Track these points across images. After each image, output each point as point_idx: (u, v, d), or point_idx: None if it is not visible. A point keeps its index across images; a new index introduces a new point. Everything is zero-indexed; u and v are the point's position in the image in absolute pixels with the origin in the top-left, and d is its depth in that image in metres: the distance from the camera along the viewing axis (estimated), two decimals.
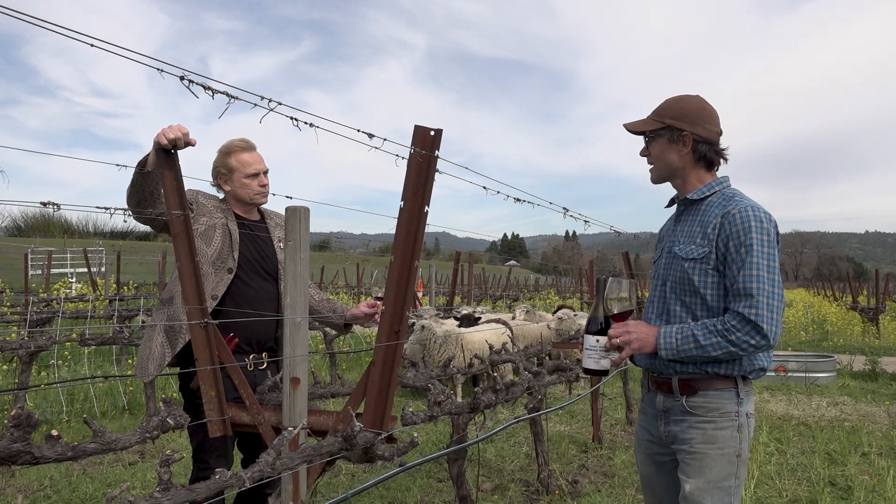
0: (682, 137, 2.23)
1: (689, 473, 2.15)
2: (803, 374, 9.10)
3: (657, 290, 2.32)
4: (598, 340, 2.16)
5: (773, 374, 9.19)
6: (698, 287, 2.15)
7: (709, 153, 2.24)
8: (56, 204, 1.87)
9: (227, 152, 3.04)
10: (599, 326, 2.17)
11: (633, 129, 2.31)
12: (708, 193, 2.24)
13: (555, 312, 10.35)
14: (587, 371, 2.20)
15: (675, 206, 2.41)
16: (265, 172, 3.09)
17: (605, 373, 2.20)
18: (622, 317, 2.19)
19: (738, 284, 2.05)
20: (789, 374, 9.18)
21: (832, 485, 4.73)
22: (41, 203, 1.89)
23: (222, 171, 3.04)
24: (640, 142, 2.36)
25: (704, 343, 2.05)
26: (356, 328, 10.20)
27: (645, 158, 2.35)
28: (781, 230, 2.20)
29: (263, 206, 3.22)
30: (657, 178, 2.35)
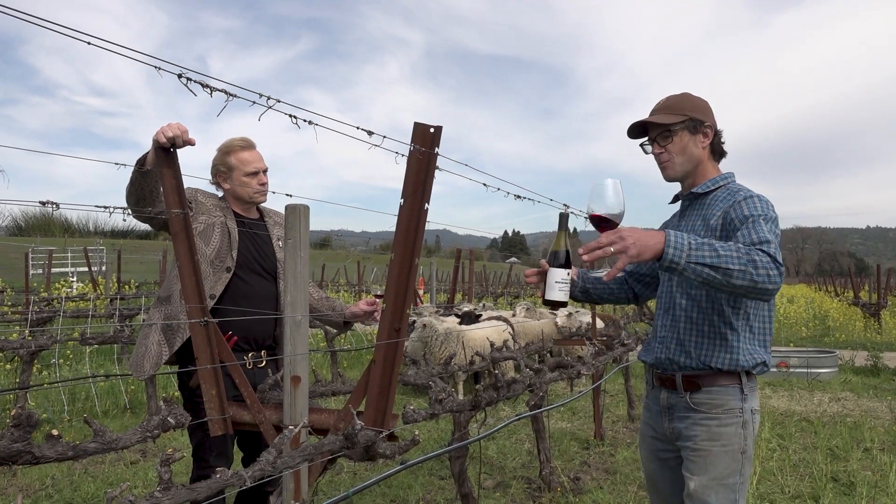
0: (704, 129, 2.22)
1: (694, 471, 2.14)
2: (805, 370, 9.10)
3: (663, 286, 2.32)
4: (567, 273, 2.06)
5: (774, 369, 9.18)
6: None
7: (719, 145, 2.27)
8: (55, 203, 1.87)
9: (226, 151, 3.03)
10: (563, 261, 2.07)
11: (662, 121, 2.21)
12: (713, 188, 2.23)
13: None
14: (549, 302, 2.09)
15: (678, 202, 2.41)
16: (265, 171, 3.08)
17: (565, 304, 2.11)
18: (610, 225, 1.97)
19: (753, 234, 1.91)
20: (791, 370, 9.17)
21: (834, 480, 4.73)
22: (40, 202, 1.89)
23: (221, 170, 3.03)
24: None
25: (723, 253, 1.77)
26: (357, 326, 10.21)
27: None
28: (783, 226, 2.19)
29: (262, 204, 3.21)
30: (681, 174, 2.26)
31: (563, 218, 2.15)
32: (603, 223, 1.99)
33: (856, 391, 8.27)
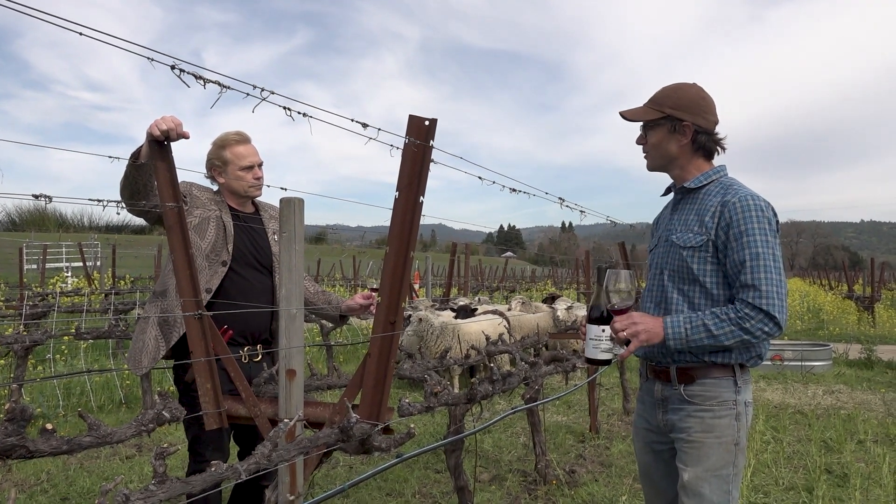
0: (682, 128, 2.20)
1: (688, 462, 2.15)
2: (799, 363, 9.14)
3: (655, 279, 2.31)
4: (603, 330, 2.09)
5: (769, 362, 9.22)
6: (697, 275, 2.14)
7: (708, 143, 2.23)
8: (48, 196, 1.86)
9: (221, 145, 3.02)
10: (601, 315, 2.10)
11: (631, 117, 2.27)
12: (705, 182, 2.23)
13: (544, 301, 10.39)
14: (590, 361, 2.12)
15: (671, 194, 2.40)
16: (259, 165, 3.07)
17: (608, 362, 2.14)
18: (624, 310, 2.09)
19: (744, 275, 2.02)
20: (785, 363, 9.21)
21: (828, 472, 4.75)
22: (33, 195, 1.88)
23: (216, 164, 3.02)
24: (637, 130, 2.34)
25: (717, 332, 2.01)
26: (352, 320, 10.20)
27: (639, 146, 2.34)
28: None
29: (258, 198, 3.20)
30: (653, 167, 2.33)
31: (601, 272, 2.17)
32: (617, 311, 2.11)
33: (849, 384, 8.31)
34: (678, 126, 2.21)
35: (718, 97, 2.28)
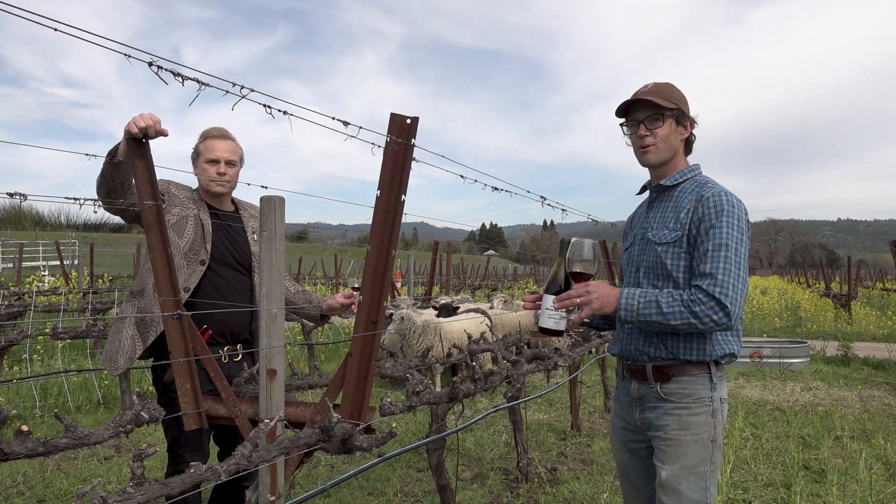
0: (685, 121, 2.24)
1: (665, 460, 2.16)
2: (778, 360, 9.25)
3: (631, 277, 2.32)
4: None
5: (748, 360, 9.33)
6: (671, 270, 2.15)
7: (693, 139, 2.30)
8: (23, 194, 1.82)
9: (202, 136, 3.04)
10: (559, 287, 2.14)
11: (660, 103, 2.18)
12: (681, 180, 2.25)
13: None
14: (543, 330, 2.14)
15: (646, 192, 2.42)
16: (228, 162, 3.01)
17: (560, 333, 2.14)
18: (583, 278, 2.12)
19: (704, 264, 2.04)
20: (764, 360, 9.32)
21: (806, 468, 4.81)
22: (8, 194, 1.84)
23: (193, 155, 3.04)
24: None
25: (666, 310, 2.01)
26: (334, 319, 10.16)
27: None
28: (756, 218, 2.22)
29: (238, 197, 3.18)
30: (660, 160, 2.26)
31: (563, 245, 2.17)
32: (578, 276, 2.13)
33: (827, 380, 8.42)
34: (682, 119, 2.23)
35: (697, 96, 2.31)
